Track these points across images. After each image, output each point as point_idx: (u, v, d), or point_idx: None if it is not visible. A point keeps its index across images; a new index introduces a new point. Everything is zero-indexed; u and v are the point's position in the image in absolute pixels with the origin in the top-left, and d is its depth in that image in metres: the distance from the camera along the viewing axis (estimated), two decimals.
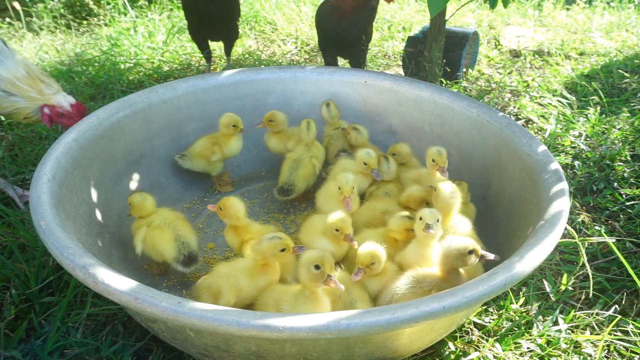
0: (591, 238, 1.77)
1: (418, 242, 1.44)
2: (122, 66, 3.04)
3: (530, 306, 1.57)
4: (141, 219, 1.62)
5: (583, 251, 1.63)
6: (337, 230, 1.49)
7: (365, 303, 1.36)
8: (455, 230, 1.51)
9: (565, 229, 1.43)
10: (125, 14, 3.93)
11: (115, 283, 1.11)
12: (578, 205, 2.01)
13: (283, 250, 1.37)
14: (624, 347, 1.46)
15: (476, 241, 1.52)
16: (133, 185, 1.83)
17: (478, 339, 1.47)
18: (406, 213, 1.55)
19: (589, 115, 2.54)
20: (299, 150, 1.95)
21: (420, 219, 1.41)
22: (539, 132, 2.49)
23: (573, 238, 1.70)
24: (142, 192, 1.65)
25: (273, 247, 1.36)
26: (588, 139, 2.37)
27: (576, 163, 2.19)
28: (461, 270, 1.36)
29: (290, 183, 1.89)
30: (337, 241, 1.52)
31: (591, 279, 1.59)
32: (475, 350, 1.44)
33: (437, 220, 1.40)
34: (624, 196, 2.00)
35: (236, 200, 1.58)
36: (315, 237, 1.56)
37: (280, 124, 2.00)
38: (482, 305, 1.57)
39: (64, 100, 1.89)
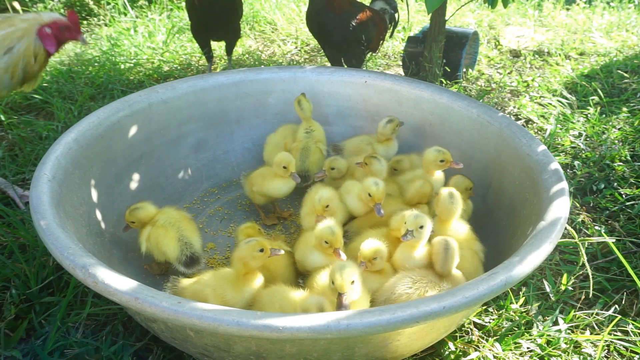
0: (591, 238, 1.77)
1: (405, 244, 1.44)
2: (122, 66, 3.04)
3: (530, 306, 1.57)
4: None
5: (583, 251, 1.63)
6: (326, 242, 1.45)
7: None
8: (451, 233, 1.51)
9: (565, 229, 1.43)
10: (125, 14, 3.93)
11: (115, 283, 1.11)
12: (578, 205, 2.01)
13: (261, 250, 1.35)
14: (624, 347, 1.46)
15: (474, 242, 1.53)
16: (133, 185, 1.83)
17: (478, 339, 1.47)
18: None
19: (589, 115, 2.54)
20: (301, 136, 1.98)
21: (405, 222, 1.41)
22: (539, 132, 2.49)
23: (573, 238, 1.70)
24: (139, 204, 1.61)
25: (251, 249, 1.34)
26: (588, 139, 2.37)
27: (576, 163, 2.19)
28: (455, 271, 1.36)
29: (305, 170, 1.93)
30: (329, 253, 1.48)
31: (591, 279, 1.59)
32: (475, 350, 1.44)
33: (421, 227, 1.40)
34: (624, 196, 2.00)
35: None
36: (307, 251, 1.53)
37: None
38: (482, 305, 1.57)
39: (54, 15, 1.74)
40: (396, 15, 2.85)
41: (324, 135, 2.03)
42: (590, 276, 1.59)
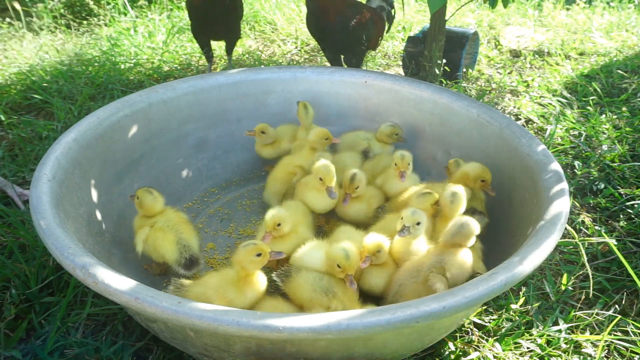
0: (591, 238, 1.77)
1: (402, 238, 1.45)
2: (122, 66, 3.04)
3: (530, 306, 1.57)
4: (145, 217, 1.61)
5: (583, 251, 1.63)
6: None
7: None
8: None
9: (565, 229, 1.43)
10: (125, 14, 3.93)
11: (115, 283, 1.11)
12: (578, 205, 2.01)
13: (259, 255, 1.33)
14: (624, 347, 1.46)
15: (476, 240, 1.53)
16: (133, 185, 1.82)
17: (478, 339, 1.47)
18: (426, 190, 1.57)
19: (589, 115, 2.54)
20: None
21: (402, 218, 1.43)
22: (539, 132, 2.49)
23: (573, 238, 1.70)
24: (154, 191, 1.60)
25: (248, 254, 1.33)
26: (588, 139, 2.37)
27: (576, 163, 2.19)
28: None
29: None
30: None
31: (591, 279, 1.59)
32: (475, 350, 1.44)
33: (418, 224, 1.41)
34: (624, 196, 2.00)
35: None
36: (308, 254, 1.47)
37: (272, 138, 2.01)
38: (482, 305, 1.57)
39: None
40: (392, 11, 2.85)
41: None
42: (590, 276, 1.59)
